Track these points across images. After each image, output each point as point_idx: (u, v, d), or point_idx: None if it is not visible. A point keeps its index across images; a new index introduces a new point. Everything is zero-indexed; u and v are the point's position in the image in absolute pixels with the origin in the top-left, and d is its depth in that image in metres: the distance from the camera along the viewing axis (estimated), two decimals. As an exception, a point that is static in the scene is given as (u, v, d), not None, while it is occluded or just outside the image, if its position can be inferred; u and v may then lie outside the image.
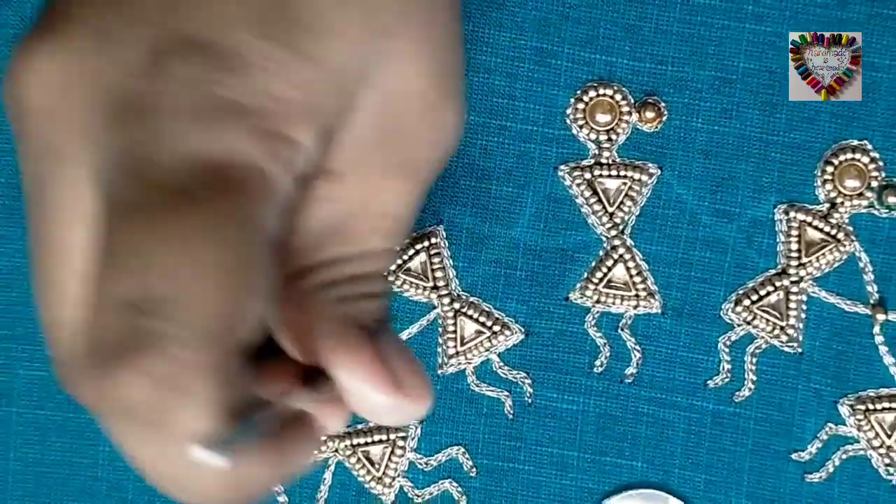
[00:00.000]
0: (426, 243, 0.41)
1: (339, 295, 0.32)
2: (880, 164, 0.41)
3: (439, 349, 0.42)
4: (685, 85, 0.40)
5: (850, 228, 0.41)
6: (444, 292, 0.41)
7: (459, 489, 0.42)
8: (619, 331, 0.42)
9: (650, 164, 0.41)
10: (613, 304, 0.41)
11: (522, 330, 0.41)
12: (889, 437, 0.41)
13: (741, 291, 0.41)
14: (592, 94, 0.40)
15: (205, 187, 0.28)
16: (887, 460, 0.41)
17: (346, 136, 0.31)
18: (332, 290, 0.32)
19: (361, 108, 0.31)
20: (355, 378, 0.31)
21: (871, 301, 0.41)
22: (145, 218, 0.27)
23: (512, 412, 0.42)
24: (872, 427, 0.41)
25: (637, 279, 0.41)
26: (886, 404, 0.41)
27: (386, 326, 0.33)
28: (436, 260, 0.41)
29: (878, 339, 0.41)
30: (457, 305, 0.41)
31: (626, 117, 0.41)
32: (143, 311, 0.27)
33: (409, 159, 0.32)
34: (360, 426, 0.42)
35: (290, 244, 0.32)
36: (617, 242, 0.41)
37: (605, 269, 0.41)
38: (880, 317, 0.41)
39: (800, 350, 0.41)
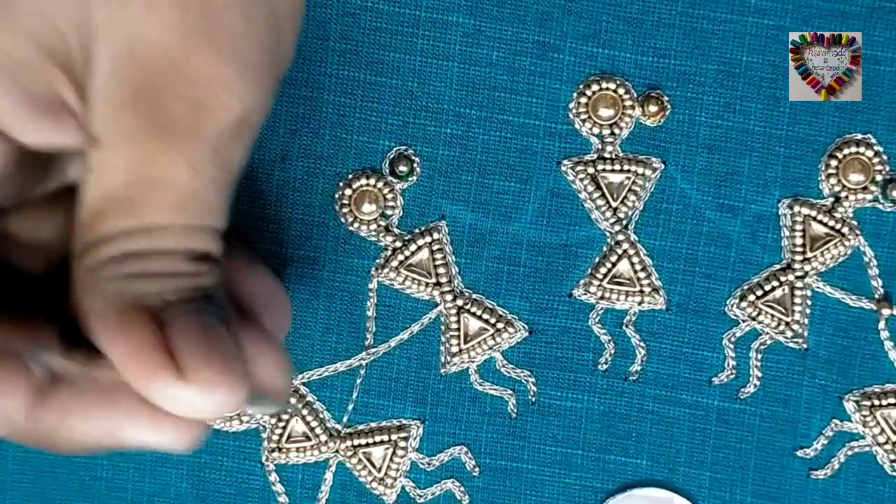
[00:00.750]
0: (428, 239, 0.41)
1: (124, 272, 0.30)
2: (884, 157, 0.40)
3: (442, 347, 0.41)
4: (688, 79, 0.40)
5: (855, 223, 0.41)
6: (447, 289, 0.41)
7: (462, 489, 0.42)
8: (624, 327, 0.41)
9: (654, 159, 0.41)
10: (618, 300, 0.41)
11: (526, 327, 0.41)
12: (895, 432, 0.41)
13: (746, 287, 0.41)
14: (595, 88, 0.40)
15: None
16: (893, 456, 0.41)
17: (95, 96, 0.30)
18: (115, 267, 0.30)
19: (100, 62, 0.29)
20: (125, 363, 0.29)
21: (876, 296, 0.41)
22: None
23: (515, 411, 0.41)
24: (878, 423, 0.41)
25: (641, 274, 0.41)
26: (892, 400, 0.41)
27: (189, 308, 0.30)
28: (438, 256, 0.41)
29: (884, 334, 0.41)
30: (460, 302, 0.41)
31: (629, 111, 0.40)
32: None
33: (174, 121, 0.30)
34: (360, 427, 0.41)
35: (77, 218, 0.31)
36: (621, 238, 0.41)
37: (609, 265, 0.41)
38: (885, 311, 0.41)
39: (805, 346, 0.41)
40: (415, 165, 0.40)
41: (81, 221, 0.31)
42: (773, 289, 0.41)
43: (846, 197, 0.41)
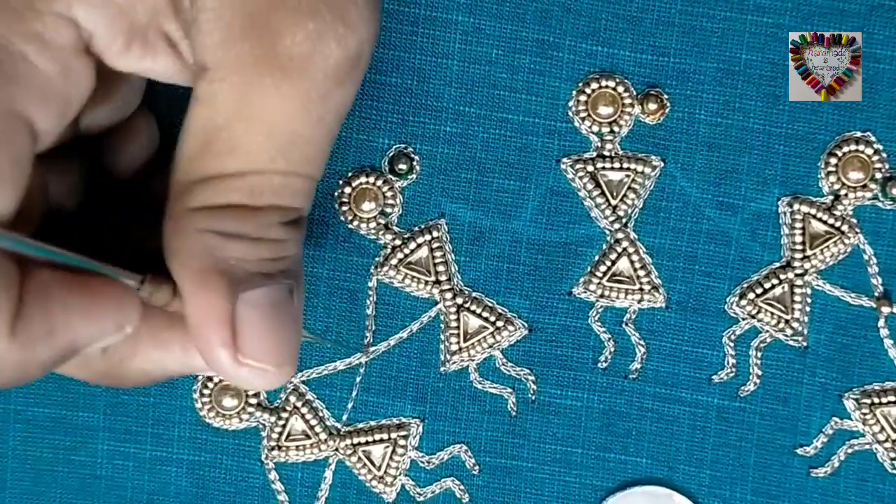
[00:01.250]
0: (428, 237, 0.41)
1: (216, 228, 0.30)
2: (884, 155, 0.40)
3: (441, 346, 0.41)
4: (688, 77, 0.40)
5: (855, 220, 0.41)
6: (447, 287, 0.41)
7: (462, 487, 0.42)
8: (623, 325, 0.41)
9: (653, 157, 0.41)
10: (617, 298, 0.41)
11: (526, 325, 0.41)
12: (895, 431, 0.41)
13: (745, 285, 0.41)
14: (595, 86, 0.40)
15: None
16: (893, 454, 0.41)
17: (206, 23, 0.29)
18: (209, 219, 0.30)
19: None
20: (194, 323, 0.30)
21: (876, 294, 0.41)
22: None
23: (515, 409, 0.41)
24: (878, 421, 0.41)
25: (641, 273, 0.41)
26: (892, 398, 0.41)
27: (263, 285, 0.31)
28: (438, 254, 0.41)
29: (883, 331, 0.41)
30: (459, 300, 0.41)
31: (628, 109, 0.40)
32: None
33: (287, 54, 0.29)
34: (360, 425, 0.41)
35: (178, 153, 0.31)
36: (620, 236, 0.41)
37: (608, 263, 0.41)
38: (885, 309, 0.41)
39: (805, 344, 0.41)
40: (414, 163, 0.40)
41: (183, 156, 0.30)
42: (773, 287, 0.41)
43: (846, 195, 0.41)
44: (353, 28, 0.30)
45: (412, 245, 0.41)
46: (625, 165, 0.40)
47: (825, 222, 0.41)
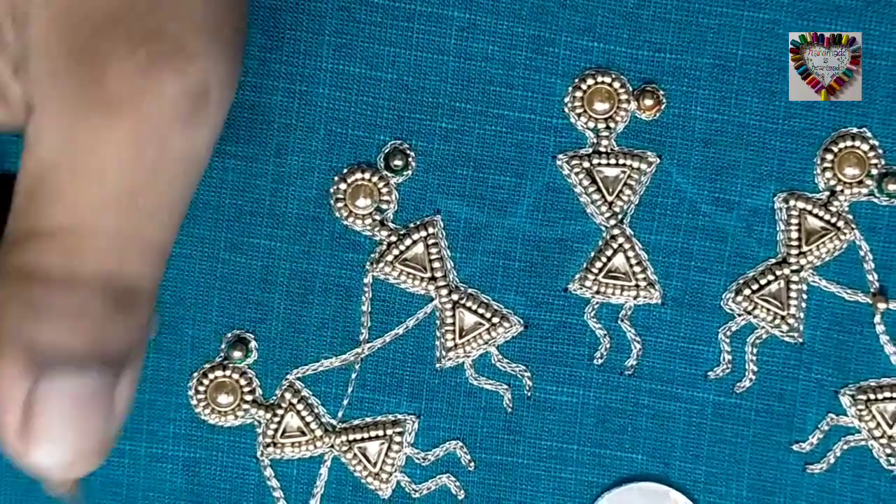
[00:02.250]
0: (423, 233, 0.41)
1: (27, 298, 0.26)
2: (880, 151, 0.40)
3: (437, 342, 0.41)
4: (684, 73, 0.40)
5: (851, 216, 0.41)
6: (443, 283, 0.41)
7: (458, 484, 0.42)
8: (619, 322, 0.41)
9: (649, 153, 0.41)
10: (613, 294, 0.41)
11: (521, 322, 0.41)
12: (890, 427, 0.41)
13: (741, 281, 0.41)
14: (590, 81, 0.40)
15: None
16: (888, 450, 0.41)
17: (32, 56, 0.26)
18: (22, 284, 0.26)
19: (37, 14, 0.25)
20: None
21: (872, 290, 0.41)
22: None
23: (511, 405, 0.41)
24: (874, 417, 0.41)
25: (637, 269, 0.41)
26: (888, 394, 0.41)
27: (71, 374, 0.26)
28: (433, 250, 0.41)
29: (879, 328, 0.41)
30: (455, 297, 0.41)
31: (624, 105, 0.40)
32: None
33: (113, 87, 0.25)
34: (356, 422, 0.41)
35: (12, 205, 0.27)
36: (616, 232, 0.41)
37: (604, 259, 0.41)
38: (881, 306, 0.41)
39: (800, 340, 0.41)
40: (410, 160, 0.40)
41: (15, 209, 0.27)
42: (769, 283, 0.41)
43: (842, 191, 0.41)
44: (193, 59, 0.26)
45: (408, 241, 0.41)
46: (621, 161, 0.40)
47: (821, 218, 0.41)
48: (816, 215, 0.41)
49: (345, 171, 0.40)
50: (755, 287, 0.41)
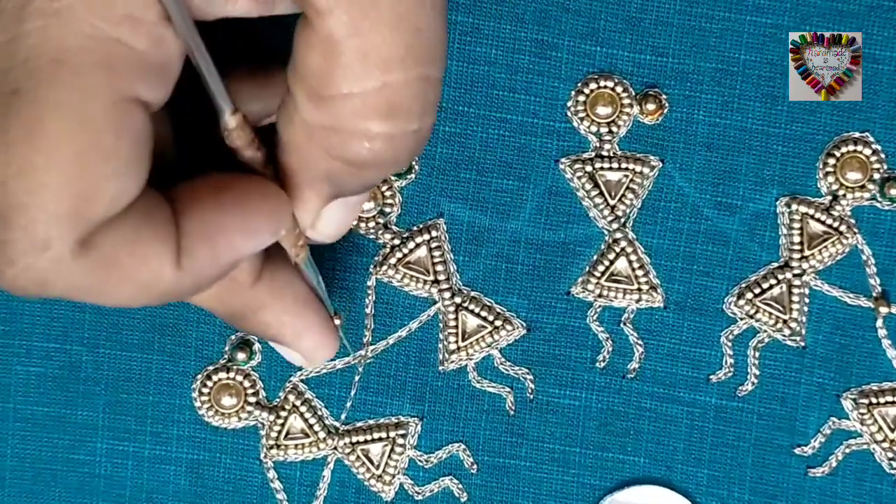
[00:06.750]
0: (426, 236, 0.41)
1: (337, 151, 0.31)
2: (882, 156, 0.41)
3: (440, 345, 0.41)
4: (686, 77, 0.40)
5: (853, 221, 0.41)
6: (446, 286, 0.41)
7: (460, 486, 0.42)
8: (622, 325, 0.41)
9: (651, 157, 0.41)
10: (615, 298, 0.41)
11: (524, 325, 0.41)
12: (892, 431, 0.41)
13: (744, 285, 0.41)
14: (593, 86, 0.40)
15: (57, 65, 0.27)
16: (890, 454, 0.41)
17: None
18: (330, 137, 0.31)
19: None
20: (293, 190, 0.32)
21: (874, 294, 0.41)
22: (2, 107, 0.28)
23: (513, 408, 0.42)
24: (876, 421, 0.41)
25: (639, 272, 0.41)
26: (889, 398, 0.41)
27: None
28: (437, 254, 0.41)
29: (881, 332, 0.41)
30: (458, 300, 0.41)
31: (627, 109, 0.40)
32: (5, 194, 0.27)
33: None
34: (359, 424, 0.42)
35: (299, 58, 0.30)
36: (619, 236, 0.41)
37: (606, 263, 0.41)
38: (883, 310, 0.41)
39: (802, 344, 0.41)
40: (413, 163, 0.41)
41: (310, 70, 0.30)
42: (771, 287, 0.41)
43: (844, 195, 0.41)
44: None
45: (411, 244, 0.41)
46: (623, 165, 0.41)
47: (823, 222, 0.41)
48: (819, 219, 0.41)
49: (348, 174, 0.41)
50: (757, 291, 0.41)
